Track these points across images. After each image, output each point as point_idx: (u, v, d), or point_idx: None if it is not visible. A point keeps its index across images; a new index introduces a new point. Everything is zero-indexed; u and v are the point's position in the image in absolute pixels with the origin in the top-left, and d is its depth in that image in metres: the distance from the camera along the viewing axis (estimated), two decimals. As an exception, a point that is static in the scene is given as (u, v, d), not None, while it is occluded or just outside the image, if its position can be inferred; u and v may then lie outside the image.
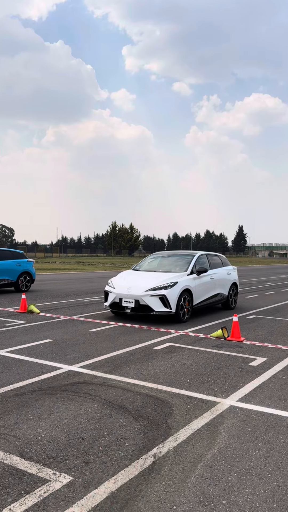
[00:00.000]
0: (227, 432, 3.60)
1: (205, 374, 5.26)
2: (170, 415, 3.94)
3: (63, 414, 3.93)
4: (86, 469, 2.98)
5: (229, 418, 3.90)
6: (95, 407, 4.10)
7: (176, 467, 3.02)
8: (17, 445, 3.32)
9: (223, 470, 2.99)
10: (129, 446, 3.32)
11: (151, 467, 3.02)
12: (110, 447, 3.31)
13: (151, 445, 3.34)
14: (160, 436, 3.51)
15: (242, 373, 5.35)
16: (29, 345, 6.62)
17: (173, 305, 8.64)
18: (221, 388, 4.73)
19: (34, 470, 2.95)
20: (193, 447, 3.33)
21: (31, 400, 4.29)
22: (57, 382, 4.87)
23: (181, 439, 3.45)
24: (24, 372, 5.20)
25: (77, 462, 3.07)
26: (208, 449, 3.29)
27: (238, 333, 7.29)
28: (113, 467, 3.01)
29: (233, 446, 3.36)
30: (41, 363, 5.63)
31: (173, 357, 6.06)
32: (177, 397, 4.44)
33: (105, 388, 4.68)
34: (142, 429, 3.63)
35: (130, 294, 8.78)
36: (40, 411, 3.99)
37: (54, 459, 3.11)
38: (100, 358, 5.91)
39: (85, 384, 4.79)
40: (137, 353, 6.25)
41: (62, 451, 3.23)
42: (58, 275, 26.03)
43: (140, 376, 5.11)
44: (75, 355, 6.08)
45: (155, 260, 10.88)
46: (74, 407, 4.10)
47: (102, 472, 2.94)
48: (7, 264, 13.82)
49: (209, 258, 10.66)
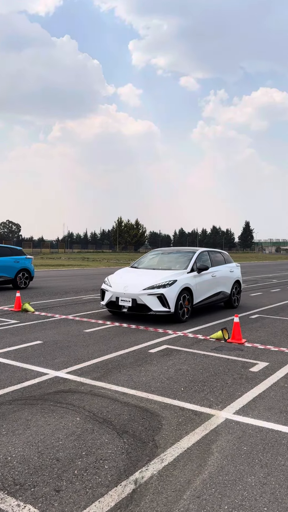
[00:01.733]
0: (220, 452, 3.21)
1: (201, 381, 4.87)
2: (159, 431, 3.56)
3: (40, 428, 3.57)
4: (55, 499, 2.61)
5: (224, 435, 3.51)
6: (76, 421, 3.74)
7: (159, 497, 2.64)
8: (-17, 467, 2.96)
9: (212, 501, 2.60)
10: (108, 469, 2.95)
11: (131, 496, 2.65)
12: (87, 470, 2.94)
13: (133, 468, 2.97)
14: (145, 457, 3.13)
15: (241, 380, 4.96)
16: (17, 348, 6.27)
17: (171, 305, 8.25)
18: (217, 398, 4.34)
19: (-4, 500, 2.59)
20: (181, 470, 2.95)
21: (8, 411, 3.93)
22: (40, 390, 4.51)
23: (167, 461, 3.07)
24: (6, 379, 4.85)
25: (47, 490, 2.71)
26: (198, 474, 2.91)
27: (239, 334, 6.89)
28: (87, 496, 2.64)
29: (226, 469, 2.97)
30: (26, 368, 5.28)
31: (168, 362, 5.67)
32: (168, 408, 4.06)
33: (91, 397, 4.31)
34: (126, 448, 3.26)
35: (127, 293, 8.40)
36: (16, 425, 3.63)
37: (21, 486, 2.74)
38: (90, 363, 5.54)
39: (70, 393, 4.43)
40: (131, 357, 5.87)
41: (32, 475, 2.86)
42: (61, 271, 25.73)
43: (131, 384, 4.74)
44: (64, 358, 5.72)
45: (155, 257, 10.47)
46: (53, 421, 3.73)
47: (73, 503, 2.57)
48: (5, 261, 13.50)
49: (210, 255, 10.24)
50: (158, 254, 10.68)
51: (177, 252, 10.36)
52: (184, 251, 10.24)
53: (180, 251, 10.37)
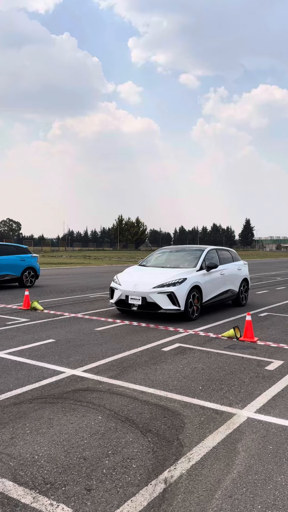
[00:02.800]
0: (246, 451, 3.21)
1: (218, 380, 4.87)
2: (182, 430, 3.56)
3: (63, 427, 3.57)
4: (87, 498, 2.61)
5: (248, 434, 3.51)
6: (99, 419, 3.74)
7: (191, 496, 2.64)
8: (11, 466, 2.96)
9: (245, 501, 2.60)
10: (137, 469, 2.95)
11: (162, 496, 2.64)
12: (115, 469, 2.94)
13: (162, 467, 2.97)
14: (172, 456, 3.13)
15: (258, 378, 4.96)
16: (30, 346, 6.27)
17: (181, 303, 8.24)
18: (236, 397, 4.34)
19: (29, 499, 2.59)
20: (209, 470, 2.95)
21: (29, 410, 3.93)
22: (59, 388, 4.51)
23: (195, 460, 3.07)
24: (24, 377, 4.85)
25: (78, 489, 2.71)
26: (226, 473, 2.91)
27: (252, 333, 6.89)
28: (119, 495, 2.64)
29: (254, 469, 2.97)
30: (42, 366, 5.28)
31: (183, 360, 5.67)
32: (188, 407, 4.06)
33: (110, 396, 4.31)
34: (151, 447, 3.26)
35: (137, 291, 8.39)
36: (39, 424, 3.63)
37: (51, 485, 2.74)
38: (105, 361, 5.54)
39: (89, 392, 4.43)
40: (145, 355, 5.87)
41: (61, 475, 2.86)
42: (64, 269, 25.72)
43: (148, 382, 4.74)
44: (78, 357, 5.72)
45: (162, 255, 10.46)
46: (76, 419, 3.73)
47: (106, 502, 2.57)
48: (11, 260, 13.50)
49: (218, 253, 10.22)
50: (166, 252, 10.66)
51: (185, 250, 10.35)
52: (192, 249, 10.22)
53: (188, 249, 10.36)
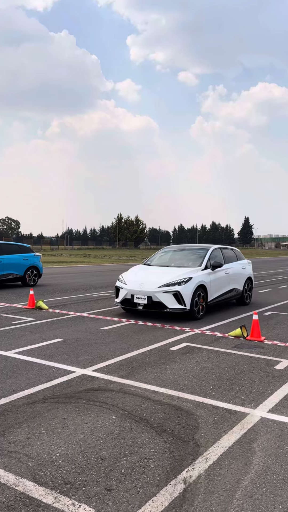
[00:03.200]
0: (262, 451, 3.23)
1: (228, 380, 4.88)
2: (197, 430, 3.57)
3: (78, 427, 3.58)
4: (108, 498, 2.62)
5: (262, 433, 3.52)
6: (113, 419, 3.75)
7: (211, 496, 2.65)
8: (29, 466, 2.97)
9: (265, 501, 2.62)
10: (155, 469, 2.96)
11: (182, 496, 2.66)
12: (134, 469, 2.95)
13: (180, 468, 2.98)
14: (189, 456, 3.14)
15: (268, 378, 4.97)
16: (38, 345, 6.28)
17: (187, 302, 8.26)
18: (248, 396, 4.35)
19: (50, 499, 2.60)
20: (227, 470, 2.96)
21: (43, 410, 3.94)
22: (70, 388, 4.52)
23: (212, 460, 3.08)
24: (35, 377, 4.85)
25: (98, 489, 2.72)
26: (245, 473, 2.92)
27: (259, 332, 6.90)
28: (139, 495, 2.65)
29: (272, 469, 2.99)
30: (52, 366, 5.28)
31: (192, 359, 5.68)
32: (201, 407, 4.07)
33: (122, 395, 4.32)
34: (167, 447, 3.27)
35: (143, 290, 8.40)
36: (54, 424, 3.64)
37: (72, 485, 2.75)
38: (115, 360, 5.55)
39: (101, 391, 4.44)
40: (153, 355, 5.88)
41: (80, 475, 2.87)
42: (65, 268, 25.72)
43: (159, 382, 4.75)
44: (87, 356, 5.73)
45: (167, 255, 10.47)
46: (90, 419, 3.74)
47: (127, 502, 2.58)
48: (15, 259, 13.50)
49: (223, 252, 10.24)
50: (170, 251, 10.67)
51: (190, 249, 10.35)
52: (197, 248, 10.24)
53: (193, 248, 10.37)
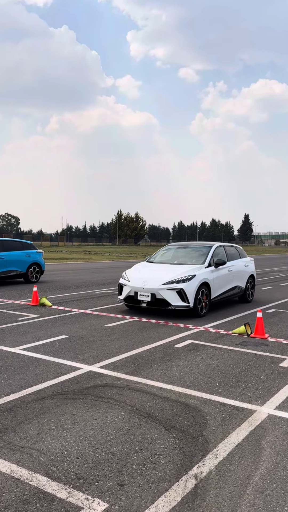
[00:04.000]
0: (271, 448, 3.26)
1: (234, 377, 4.92)
2: (205, 426, 3.61)
3: (88, 423, 3.61)
4: (121, 493, 2.66)
5: (271, 430, 3.56)
6: (121, 415, 3.78)
7: (223, 491, 2.69)
8: (42, 461, 3.00)
9: (276, 496, 2.65)
10: (166, 464, 3.00)
11: (194, 491, 2.69)
12: (145, 465, 2.98)
13: (190, 463, 3.02)
14: (198, 452, 3.18)
15: (273, 375, 5.01)
16: (44, 342, 6.31)
17: (191, 299, 8.29)
18: (254, 394, 4.39)
19: (64, 494, 2.63)
20: (237, 466, 3.00)
21: (52, 406, 3.97)
22: (78, 384, 4.55)
23: (222, 456, 3.12)
24: (42, 373, 4.89)
25: (111, 484, 2.75)
26: (255, 469, 2.96)
27: (263, 329, 6.94)
28: (152, 491, 2.69)
29: (282, 465, 3.02)
30: (59, 362, 5.32)
31: (197, 357, 5.72)
32: (208, 403, 4.11)
33: (130, 392, 4.36)
34: (177, 443, 3.31)
35: (146, 288, 8.43)
36: (63, 420, 3.67)
37: (84, 480, 2.79)
38: (120, 357, 5.58)
39: (108, 388, 4.47)
40: (158, 352, 5.92)
41: (92, 470, 2.91)
42: (66, 265, 25.74)
43: (165, 379, 4.78)
44: (93, 353, 5.76)
45: (171, 252, 10.49)
46: (99, 415, 3.77)
47: (140, 497, 2.62)
48: (17, 255, 13.51)
49: (226, 250, 10.26)
50: (173, 248, 10.69)
51: (193, 246, 10.37)
52: (200, 245, 10.26)
53: (196, 245, 10.39)
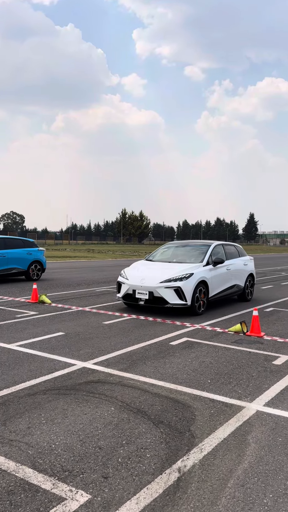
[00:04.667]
0: (256, 443, 3.31)
1: (226, 374, 4.96)
2: (193, 421, 3.66)
3: (78, 418, 3.67)
4: (105, 485, 2.72)
5: (257, 426, 3.60)
6: (111, 410, 3.84)
7: (204, 485, 2.74)
8: (29, 454, 3.07)
9: (256, 490, 2.70)
10: (151, 458, 3.05)
11: (177, 484, 2.74)
12: (130, 458, 3.04)
13: (175, 457, 3.07)
14: (184, 446, 3.23)
15: (265, 372, 5.05)
16: (41, 339, 6.38)
17: (188, 298, 8.33)
18: (245, 390, 4.43)
19: (49, 485, 2.70)
20: (221, 460, 3.04)
21: (44, 401, 4.04)
22: (71, 380, 4.62)
23: (207, 451, 3.17)
24: (36, 369, 4.96)
25: (95, 476, 2.81)
26: (238, 463, 3.00)
27: (258, 328, 6.97)
28: (135, 483, 2.74)
29: (265, 460, 3.07)
30: (53, 358, 5.39)
31: (191, 354, 5.77)
32: (198, 399, 4.16)
33: (121, 388, 4.42)
34: (164, 437, 3.36)
35: (144, 286, 8.48)
36: (54, 414, 3.73)
37: (70, 472, 2.85)
38: (115, 354, 5.64)
39: (100, 383, 4.53)
40: (153, 349, 5.97)
41: (78, 463, 2.97)
42: (69, 263, 25.85)
43: (158, 375, 4.84)
44: (88, 350, 5.83)
45: (169, 250, 10.54)
46: (89, 410, 3.84)
47: (122, 489, 2.68)
48: (18, 253, 13.61)
49: (225, 248, 10.29)
50: (172, 247, 10.73)
51: (192, 245, 10.41)
52: (199, 244, 10.29)
53: (195, 244, 10.42)
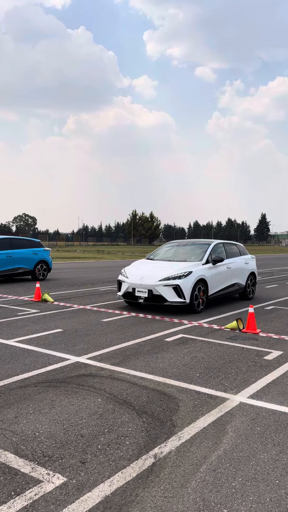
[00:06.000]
0: (234, 432, 3.39)
1: (216, 368, 5.04)
2: (176, 412, 3.76)
3: (64, 408, 3.80)
4: (81, 469, 2.83)
5: (238, 416, 3.69)
6: (98, 402, 3.96)
7: (177, 469, 2.84)
8: (13, 441, 3.20)
9: (227, 474, 2.79)
10: (130, 445, 3.16)
11: (151, 469, 2.85)
12: (110, 445, 3.16)
13: (153, 444, 3.17)
14: (163, 435, 3.33)
15: (255, 367, 5.11)
16: (39, 335, 6.54)
17: (187, 295, 8.42)
18: (231, 383, 4.51)
19: (28, 469, 2.82)
20: (197, 447, 3.14)
21: (34, 392, 4.18)
22: (63, 374, 4.75)
23: (184, 439, 3.27)
24: (31, 363, 5.11)
25: (73, 461, 2.93)
26: (213, 450, 3.10)
27: (254, 325, 7.03)
28: (110, 467, 2.86)
29: (240, 447, 3.15)
30: (48, 353, 5.53)
31: (184, 349, 5.86)
32: (184, 392, 4.25)
33: (111, 381, 4.53)
34: (145, 427, 3.47)
35: (143, 284, 8.59)
36: (42, 405, 3.87)
37: (49, 458, 2.97)
38: (109, 350, 5.76)
39: (91, 377, 4.66)
40: (147, 345, 6.08)
41: (59, 449, 3.09)
42: (77, 263, 26.10)
43: (148, 369, 4.94)
44: (83, 345, 5.96)
45: (171, 249, 10.63)
46: (76, 401, 3.96)
47: (98, 473, 2.79)
48: (24, 253, 13.84)
49: (226, 247, 10.35)
50: (173, 246, 10.83)
51: (192, 244, 10.49)
52: (199, 243, 10.36)
53: (195, 243, 10.50)
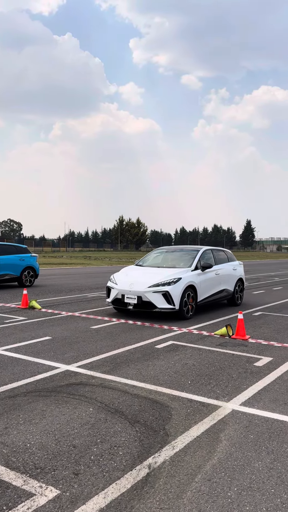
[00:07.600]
0: (228, 440, 3.38)
1: (207, 375, 5.03)
2: (169, 420, 3.73)
3: (55, 418, 3.73)
4: (75, 481, 2.78)
5: (231, 424, 3.68)
6: (90, 411, 3.90)
7: (172, 479, 2.81)
8: (4, 453, 3.13)
9: (222, 484, 2.77)
10: (123, 455, 3.12)
11: (145, 479, 2.81)
12: (103, 456, 3.11)
13: (147, 454, 3.13)
14: (157, 444, 3.30)
15: (246, 374, 5.12)
16: (27, 343, 6.44)
17: (176, 302, 8.41)
18: (223, 391, 4.50)
19: (19, 482, 2.76)
20: (191, 456, 3.11)
21: (23, 402, 4.10)
22: (53, 383, 4.68)
23: (178, 448, 3.24)
24: (19, 372, 5.02)
25: (66, 473, 2.87)
26: (207, 460, 3.07)
27: (243, 331, 7.05)
28: (104, 479, 2.81)
29: (234, 456, 3.14)
30: (37, 362, 5.45)
31: (175, 357, 5.84)
32: (176, 400, 4.23)
33: (102, 389, 4.48)
34: (138, 436, 3.43)
35: (133, 290, 8.56)
36: (32, 415, 3.80)
37: (41, 470, 2.91)
38: (99, 357, 5.71)
39: (82, 386, 4.60)
40: (138, 352, 6.04)
41: (51, 461, 3.03)
42: (64, 269, 25.91)
43: (140, 377, 4.90)
44: (73, 353, 5.89)
45: (159, 256, 10.63)
46: (68, 411, 3.90)
47: (92, 485, 2.74)
48: (11, 259, 13.68)
49: (214, 253, 10.39)
50: (162, 252, 10.83)
51: (181, 250, 10.51)
52: (188, 249, 10.39)
53: (184, 249, 10.52)
